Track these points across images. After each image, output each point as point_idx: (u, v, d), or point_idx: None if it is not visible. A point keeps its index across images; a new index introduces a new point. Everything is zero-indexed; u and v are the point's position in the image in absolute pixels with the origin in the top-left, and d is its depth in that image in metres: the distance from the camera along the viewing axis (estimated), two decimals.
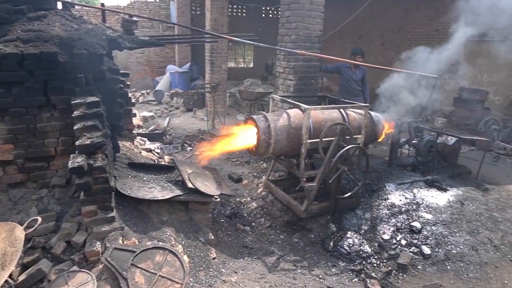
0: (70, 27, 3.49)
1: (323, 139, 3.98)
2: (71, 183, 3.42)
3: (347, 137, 4.10)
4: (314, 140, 4.01)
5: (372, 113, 4.73)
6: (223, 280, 3.19)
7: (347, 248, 3.76)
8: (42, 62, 3.14)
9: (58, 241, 2.94)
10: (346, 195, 4.16)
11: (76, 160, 2.78)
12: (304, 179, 4.05)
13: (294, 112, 4.19)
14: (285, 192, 4.48)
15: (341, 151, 3.93)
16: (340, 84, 6.40)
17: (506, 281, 3.41)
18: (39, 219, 2.87)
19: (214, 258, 3.43)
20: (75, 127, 3.01)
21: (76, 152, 2.89)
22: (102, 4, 4.57)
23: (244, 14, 16.85)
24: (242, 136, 4.10)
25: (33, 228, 2.78)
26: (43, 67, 3.17)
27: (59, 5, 3.92)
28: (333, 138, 4.04)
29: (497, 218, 4.24)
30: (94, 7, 9.01)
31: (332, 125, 4.02)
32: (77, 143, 2.89)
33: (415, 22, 11.99)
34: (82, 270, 2.69)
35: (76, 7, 10.59)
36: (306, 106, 3.94)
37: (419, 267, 3.61)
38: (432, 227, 4.02)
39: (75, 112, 3.09)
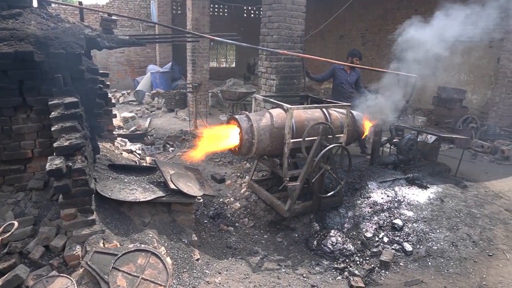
0: (47, 25, 3.39)
1: (306, 139, 4.00)
2: (49, 186, 3.34)
3: (329, 136, 4.13)
4: (297, 139, 4.03)
5: (354, 112, 4.79)
6: (207, 281, 3.17)
7: (330, 247, 3.79)
8: (17, 62, 3.04)
9: (36, 245, 2.86)
10: (329, 194, 4.20)
11: (54, 162, 2.70)
12: (287, 179, 4.06)
13: (276, 112, 4.19)
14: (269, 192, 4.48)
15: (324, 150, 3.96)
16: (333, 86, 6.39)
17: (484, 276, 3.51)
18: (16, 223, 2.78)
19: (197, 259, 3.41)
20: (52, 129, 2.94)
21: (54, 154, 2.81)
22: (80, 3, 4.45)
23: (225, 14, 16.83)
24: (225, 136, 4.09)
25: (9, 233, 2.69)
26: (18, 67, 3.07)
27: (35, 3, 3.80)
28: (315, 138, 4.07)
29: (476, 214, 4.37)
30: (72, 5, 8.83)
31: (315, 125, 4.05)
32: (55, 144, 2.82)
33: (394, 22, 12.25)
34: (62, 275, 2.63)
35: (53, 5, 10.33)
36: (289, 106, 3.95)
37: (401, 263, 3.68)
38: (413, 224, 4.10)
39: (52, 113, 3.01)
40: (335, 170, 4.19)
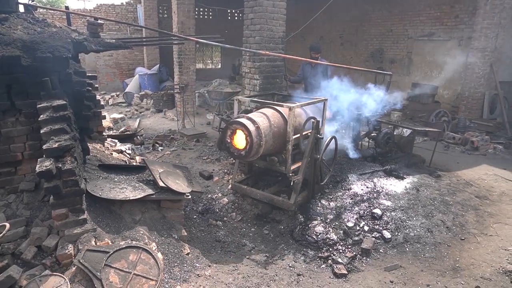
0: (33, 30, 3.42)
1: (303, 133, 4.18)
2: (40, 188, 3.38)
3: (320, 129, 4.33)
4: (296, 135, 4.19)
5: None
6: (198, 274, 3.27)
7: (314, 237, 3.95)
8: (4, 66, 3.08)
9: (28, 246, 2.90)
10: (324, 182, 4.44)
11: (44, 164, 2.74)
12: (292, 174, 4.17)
13: (270, 112, 4.23)
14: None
15: (327, 141, 4.17)
16: (304, 82, 6.62)
17: (457, 258, 3.74)
18: (7, 225, 2.80)
19: (188, 254, 3.50)
20: (42, 131, 2.97)
21: (44, 156, 2.85)
22: (67, 7, 4.48)
23: (210, 17, 16.92)
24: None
25: (1, 234, 2.70)
26: (6, 71, 3.11)
27: (21, 8, 3.84)
28: (309, 132, 4.26)
29: (449, 201, 4.62)
30: (59, 10, 8.70)
31: (308, 120, 4.23)
32: (44, 146, 2.86)
33: (370, 23, 12.62)
34: (55, 273, 2.67)
35: (41, 10, 10.23)
36: (291, 105, 4.05)
37: (381, 250, 3.86)
38: (392, 213, 4.31)
39: (41, 116, 3.05)
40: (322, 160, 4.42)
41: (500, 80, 8.98)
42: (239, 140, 3.95)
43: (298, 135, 4.21)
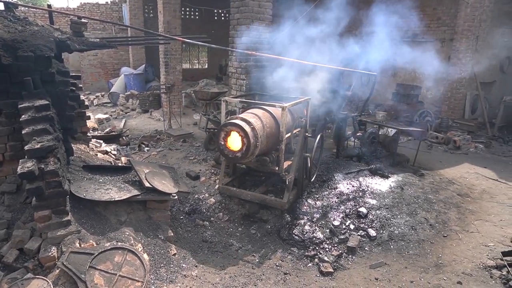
0: (14, 28, 3.37)
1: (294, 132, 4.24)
2: (21, 189, 3.33)
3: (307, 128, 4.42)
4: (288, 134, 4.23)
5: None
6: (184, 275, 3.28)
7: (301, 236, 3.99)
8: None
9: (10, 249, 2.87)
10: (313, 179, 4.54)
11: (26, 165, 2.70)
12: (286, 173, 4.19)
13: (260, 112, 4.23)
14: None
15: (317, 138, 4.25)
16: None
17: (440, 255, 3.83)
18: None
19: (174, 254, 3.50)
20: (23, 132, 2.94)
21: (26, 157, 2.81)
22: (49, 5, 4.40)
23: (196, 17, 16.86)
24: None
25: None
26: None
27: (1, 6, 3.76)
28: (297, 131, 4.32)
29: (432, 199, 4.73)
30: (41, 8, 8.56)
31: (297, 119, 4.28)
32: (26, 147, 2.82)
33: (356, 24, 12.78)
34: (38, 276, 2.64)
35: (22, 8, 10.04)
36: (285, 105, 4.05)
37: (366, 248, 3.93)
38: (377, 211, 4.38)
39: (23, 116, 3.01)
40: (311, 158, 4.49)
41: (481, 81, 9.23)
42: (234, 142, 3.92)
43: (289, 134, 4.24)
